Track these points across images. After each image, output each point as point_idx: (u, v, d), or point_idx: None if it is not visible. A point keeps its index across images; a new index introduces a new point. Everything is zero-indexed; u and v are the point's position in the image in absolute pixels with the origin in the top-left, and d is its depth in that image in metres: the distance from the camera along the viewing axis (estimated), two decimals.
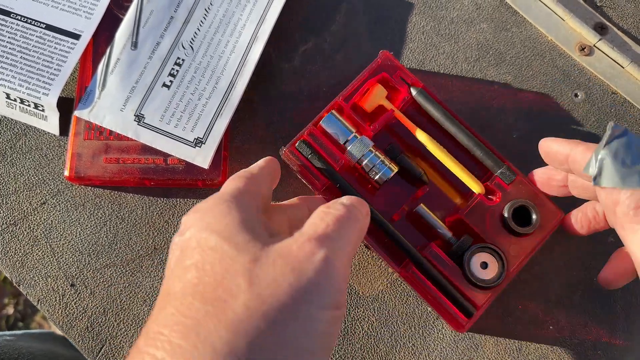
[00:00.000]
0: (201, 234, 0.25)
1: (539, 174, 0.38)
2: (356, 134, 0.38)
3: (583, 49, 0.44)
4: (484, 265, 0.36)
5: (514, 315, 0.39)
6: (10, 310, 1.03)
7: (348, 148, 0.38)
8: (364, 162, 0.38)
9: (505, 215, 0.37)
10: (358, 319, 0.39)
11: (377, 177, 0.38)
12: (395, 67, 0.40)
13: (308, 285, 0.24)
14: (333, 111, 0.38)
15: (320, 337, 0.24)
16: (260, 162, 0.33)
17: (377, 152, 0.38)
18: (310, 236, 0.25)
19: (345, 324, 0.39)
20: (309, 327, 0.23)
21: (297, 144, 0.38)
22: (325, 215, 0.27)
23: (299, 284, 0.23)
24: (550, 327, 0.39)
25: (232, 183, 0.29)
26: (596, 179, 0.31)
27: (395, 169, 0.38)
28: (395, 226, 0.37)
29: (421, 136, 0.39)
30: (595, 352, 0.39)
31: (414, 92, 0.39)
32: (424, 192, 0.39)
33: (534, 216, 0.37)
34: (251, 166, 0.32)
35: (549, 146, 0.35)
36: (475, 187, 0.38)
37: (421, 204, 0.38)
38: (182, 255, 0.26)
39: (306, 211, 0.32)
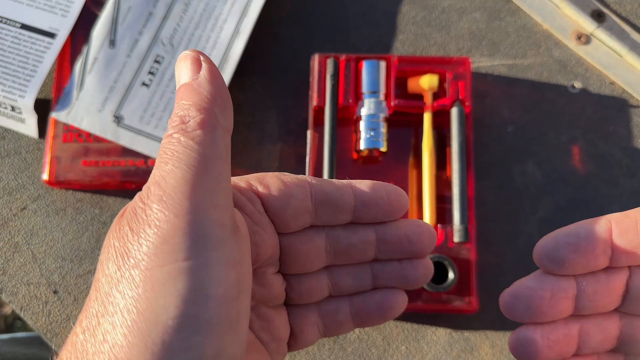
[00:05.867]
0: None
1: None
2: (380, 95, 0.38)
3: (580, 38, 0.42)
4: None
5: None
6: (8, 309, 1.02)
7: (365, 99, 0.38)
8: (364, 121, 0.37)
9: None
10: None
11: (363, 142, 0.37)
12: (463, 76, 0.38)
13: None
14: (382, 61, 0.38)
15: None
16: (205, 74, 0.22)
17: (384, 123, 0.38)
18: None
19: None
20: None
21: (328, 60, 0.38)
22: None
23: None
24: None
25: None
26: None
27: (384, 149, 0.37)
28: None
29: (426, 147, 0.38)
30: None
31: (455, 109, 0.38)
32: None
33: (450, 275, 0.35)
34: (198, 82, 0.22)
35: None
36: (427, 218, 0.37)
37: None
38: None
39: (349, 198, 0.24)
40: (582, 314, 0.25)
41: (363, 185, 0.24)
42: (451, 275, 0.35)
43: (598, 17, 0.42)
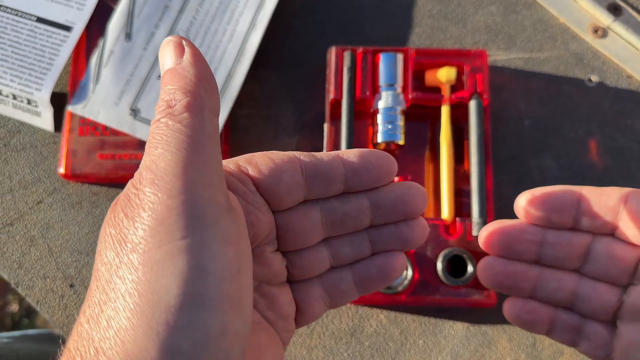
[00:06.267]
0: None
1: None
2: (398, 88, 0.37)
3: (596, 31, 0.42)
4: None
5: None
6: (15, 307, 1.02)
7: (382, 92, 0.37)
8: (381, 114, 0.37)
9: (439, 264, 0.35)
10: (367, 317, 0.38)
11: (380, 135, 0.37)
12: (481, 69, 0.38)
13: None
14: (399, 54, 0.38)
15: None
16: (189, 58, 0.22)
17: (402, 116, 0.37)
18: None
19: (354, 321, 0.37)
20: None
21: (345, 52, 0.37)
22: None
23: None
24: None
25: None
26: None
27: (401, 142, 0.37)
28: None
29: (444, 140, 0.37)
30: None
31: (473, 102, 0.37)
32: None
33: (469, 269, 0.35)
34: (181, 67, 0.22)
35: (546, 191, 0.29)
36: (445, 211, 0.37)
37: None
38: None
39: (339, 169, 0.25)
40: (545, 264, 0.29)
41: (351, 154, 0.24)
42: (470, 268, 0.35)
43: (614, 10, 0.42)
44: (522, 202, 0.29)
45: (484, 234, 0.30)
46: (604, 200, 0.28)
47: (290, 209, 0.24)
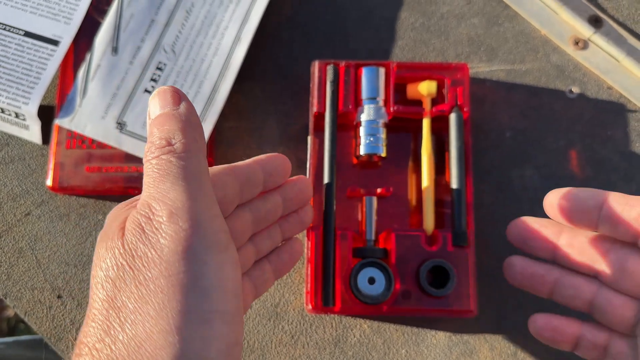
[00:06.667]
0: None
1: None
2: (380, 101, 0.38)
3: (577, 43, 0.42)
4: (372, 281, 0.35)
5: (509, 319, 0.38)
6: (11, 312, 1.03)
7: (364, 105, 0.38)
8: (364, 127, 0.38)
9: (421, 275, 0.35)
10: (350, 327, 0.38)
11: (363, 147, 0.38)
12: (462, 82, 0.38)
13: None
14: (381, 68, 0.38)
15: None
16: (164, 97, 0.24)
17: (384, 129, 0.38)
18: None
19: (337, 331, 0.38)
20: None
21: (328, 66, 0.38)
22: None
23: None
24: None
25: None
26: None
27: (384, 154, 0.38)
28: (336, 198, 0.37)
29: (425, 152, 0.38)
30: None
31: (453, 114, 0.38)
32: (387, 193, 0.38)
33: (449, 279, 0.35)
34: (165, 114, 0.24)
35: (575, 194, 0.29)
36: (427, 223, 0.37)
37: (374, 197, 0.38)
38: None
39: (260, 173, 0.28)
40: (562, 265, 0.30)
41: (263, 159, 0.28)
42: (450, 279, 0.35)
43: (595, 22, 0.42)
44: (548, 199, 0.30)
45: (509, 226, 0.32)
46: (627, 209, 0.27)
47: (229, 215, 0.27)
